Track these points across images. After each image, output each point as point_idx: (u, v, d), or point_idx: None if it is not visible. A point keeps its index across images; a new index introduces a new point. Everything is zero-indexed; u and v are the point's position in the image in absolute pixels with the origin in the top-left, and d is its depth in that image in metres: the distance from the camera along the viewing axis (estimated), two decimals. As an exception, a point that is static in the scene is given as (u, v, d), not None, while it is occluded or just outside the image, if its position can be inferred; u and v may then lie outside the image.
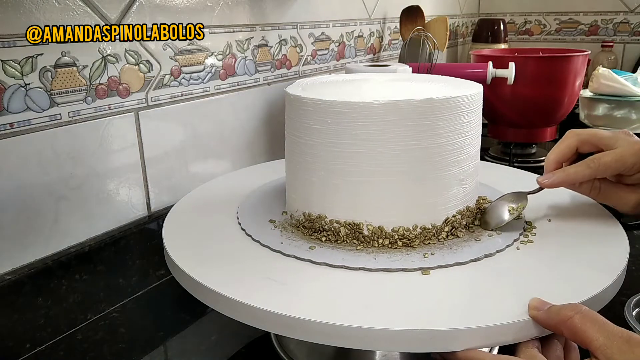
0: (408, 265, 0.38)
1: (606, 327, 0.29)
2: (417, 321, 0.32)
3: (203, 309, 0.51)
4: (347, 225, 0.42)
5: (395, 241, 0.41)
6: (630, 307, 0.40)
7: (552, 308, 0.31)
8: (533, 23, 1.70)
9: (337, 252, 0.40)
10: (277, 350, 0.46)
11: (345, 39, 1.05)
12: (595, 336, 0.29)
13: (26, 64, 0.52)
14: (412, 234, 0.41)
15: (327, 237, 0.42)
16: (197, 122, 0.72)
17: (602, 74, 1.02)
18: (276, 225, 0.45)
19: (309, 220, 0.43)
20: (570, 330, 0.30)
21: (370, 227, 0.41)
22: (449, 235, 0.42)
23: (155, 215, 0.68)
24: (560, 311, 0.30)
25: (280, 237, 0.43)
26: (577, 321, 0.30)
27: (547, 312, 0.31)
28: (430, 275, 0.37)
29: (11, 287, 0.53)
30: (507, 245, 0.40)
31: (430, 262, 0.38)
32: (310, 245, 0.41)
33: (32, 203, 0.54)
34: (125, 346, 0.48)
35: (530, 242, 0.41)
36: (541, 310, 0.31)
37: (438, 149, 0.40)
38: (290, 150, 0.46)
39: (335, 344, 0.32)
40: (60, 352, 0.47)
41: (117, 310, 0.53)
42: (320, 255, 0.39)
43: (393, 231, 0.41)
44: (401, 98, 0.39)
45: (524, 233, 0.43)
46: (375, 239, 0.41)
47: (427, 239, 0.41)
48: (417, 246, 0.40)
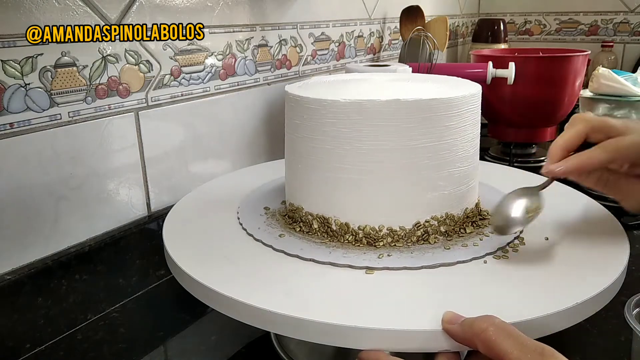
0: (355, 263, 0.38)
1: (520, 339, 0.28)
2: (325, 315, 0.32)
3: (203, 309, 0.51)
4: (318, 219, 0.43)
5: (360, 239, 0.41)
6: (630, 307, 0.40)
7: (466, 321, 0.30)
8: (533, 23, 1.70)
9: (301, 243, 0.41)
10: (277, 350, 0.46)
11: (345, 39, 1.05)
12: (510, 349, 0.27)
13: (26, 64, 0.52)
14: (378, 234, 0.41)
15: (301, 228, 0.44)
16: (197, 122, 0.72)
17: (602, 74, 1.02)
18: (267, 213, 0.47)
19: (291, 210, 0.45)
20: (485, 343, 0.28)
21: (338, 222, 0.42)
22: (420, 240, 0.41)
23: (155, 215, 0.68)
24: (473, 324, 0.29)
25: (263, 223, 0.45)
26: (491, 334, 0.28)
27: (461, 326, 0.30)
28: (372, 275, 0.37)
29: (11, 287, 0.52)
30: (474, 258, 0.38)
31: (380, 263, 0.38)
32: (281, 233, 0.43)
33: (32, 203, 0.54)
34: (125, 346, 0.48)
35: (504, 257, 0.39)
36: (455, 324, 0.30)
37: (406, 151, 0.39)
38: (285, 144, 0.47)
39: (336, 344, 0.32)
40: (60, 352, 0.47)
41: (117, 310, 0.53)
42: (282, 243, 0.41)
43: (359, 229, 0.41)
44: (368, 98, 0.39)
45: (504, 247, 0.40)
46: (342, 234, 0.41)
47: (395, 241, 0.41)
48: (381, 247, 0.40)
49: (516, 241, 0.41)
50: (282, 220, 0.46)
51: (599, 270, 0.37)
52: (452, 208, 0.42)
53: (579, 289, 0.34)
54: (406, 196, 0.41)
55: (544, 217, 0.45)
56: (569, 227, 0.44)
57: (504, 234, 0.40)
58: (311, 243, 0.41)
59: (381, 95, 0.39)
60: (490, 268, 0.38)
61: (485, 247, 0.40)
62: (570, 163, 0.39)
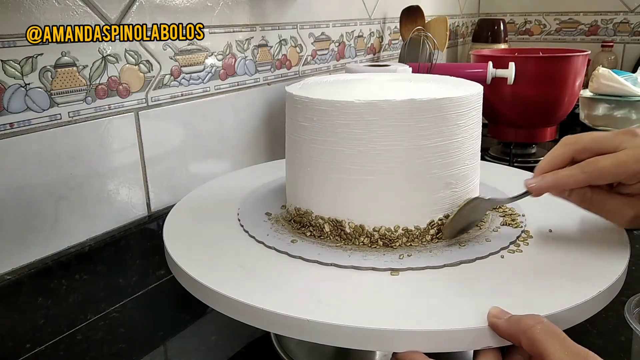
0: (379, 265, 0.38)
1: (565, 342, 0.28)
2: (363, 319, 0.31)
3: (203, 309, 0.51)
4: (330, 222, 0.42)
5: (375, 240, 0.41)
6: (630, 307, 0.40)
7: (513, 317, 0.30)
8: (533, 23, 1.70)
9: (316, 247, 0.41)
10: (277, 350, 0.46)
11: (345, 39, 1.05)
12: (553, 350, 0.27)
13: (26, 64, 0.52)
14: (394, 234, 0.41)
15: (312, 233, 0.43)
16: (197, 122, 0.72)
17: (602, 74, 1.02)
18: (270, 218, 0.46)
19: (298, 214, 0.44)
20: (529, 340, 0.29)
21: (352, 224, 0.41)
22: (434, 238, 0.41)
23: (155, 215, 0.68)
24: (520, 320, 0.29)
25: (270, 229, 0.44)
26: (537, 332, 0.28)
27: (507, 321, 0.30)
28: (398, 276, 0.37)
29: (11, 287, 0.52)
30: (491, 253, 0.39)
31: (402, 263, 0.38)
32: (293, 239, 0.42)
33: (32, 203, 0.54)
34: (125, 346, 0.48)
35: (519, 252, 0.40)
36: (501, 319, 0.30)
37: (419, 150, 0.40)
38: (287, 146, 0.47)
39: (336, 344, 0.32)
40: (60, 352, 0.47)
41: (117, 310, 0.53)
42: (298, 249, 0.40)
43: (374, 230, 0.41)
44: (382, 98, 0.39)
45: (515, 242, 0.41)
46: (357, 237, 0.41)
47: (410, 240, 0.41)
48: (397, 247, 0.40)
49: (523, 235, 0.43)
50: (289, 225, 0.45)
51: (599, 270, 0.37)
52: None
53: (579, 289, 0.34)
54: (420, 195, 0.41)
55: (543, 217, 0.45)
56: (569, 228, 0.44)
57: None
58: (326, 247, 0.41)
59: (395, 96, 0.39)
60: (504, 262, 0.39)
61: (498, 243, 0.41)
62: (545, 181, 0.39)
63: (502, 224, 0.44)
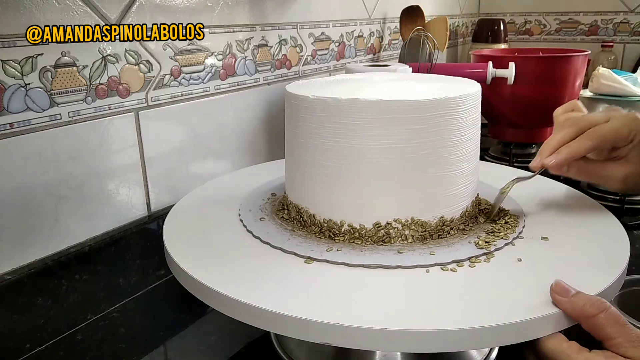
0: (387, 262, 0.38)
1: (627, 328, 0.31)
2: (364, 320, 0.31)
3: (203, 309, 0.51)
4: (326, 221, 0.42)
5: (374, 239, 0.41)
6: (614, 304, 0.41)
7: (577, 300, 0.32)
8: (533, 23, 1.70)
9: (319, 247, 0.41)
10: (277, 350, 0.46)
11: (345, 39, 1.05)
12: (615, 335, 0.31)
13: (26, 64, 0.52)
14: (393, 234, 0.41)
15: (313, 231, 0.43)
16: (197, 122, 0.72)
17: (602, 74, 1.02)
18: (270, 218, 0.47)
19: (299, 213, 0.45)
20: (592, 326, 0.31)
21: (349, 223, 0.42)
22: (433, 237, 0.42)
23: (155, 215, 0.68)
24: (585, 307, 0.31)
25: (271, 229, 0.44)
26: (601, 319, 0.31)
27: (572, 304, 0.32)
28: (398, 276, 0.37)
29: (11, 287, 0.52)
30: (487, 253, 0.40)
31: (403, 262, 0.38)
32: (293, 238, 0.42)
33: (32, 203, 0.54)
34: (125, 346, 0.48)
35: (518, 252, 0.40)
36: (565, 297, 0.32)
37: (418, 149, 0.40)
38: (286, 144, 0.47)
39: (336, 344, 0.32)
40: (60, 352, 0.47)
41: (117, 310, 0.53)
42: (292, 245, 0.41)
43: (373, 227, 0.41)
44: (382, 98, 0.39)
45: (510, 243, 0.42)
46: (357, 236, 0.41)
47: (410, 239, 0.41)
48: (396, 245, 0.41)
49: (522, 235, 0.43)
50: (291, 224, 0.45)
51: (599, 270, 0.37)
52: (467, 203, 0.44)
53: (579, 289, 0.34)
54: (418, 194, 0.41)
55: (544, 217, 0.46)
56: (570, 227, 0.44)
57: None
58: (325, 245, 0.41)
59: (394, 95, 0.39)
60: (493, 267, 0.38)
61: (498, 243, 0.41)
62: (562, 154, 0.43)
63: (502, 224, 0.44)
